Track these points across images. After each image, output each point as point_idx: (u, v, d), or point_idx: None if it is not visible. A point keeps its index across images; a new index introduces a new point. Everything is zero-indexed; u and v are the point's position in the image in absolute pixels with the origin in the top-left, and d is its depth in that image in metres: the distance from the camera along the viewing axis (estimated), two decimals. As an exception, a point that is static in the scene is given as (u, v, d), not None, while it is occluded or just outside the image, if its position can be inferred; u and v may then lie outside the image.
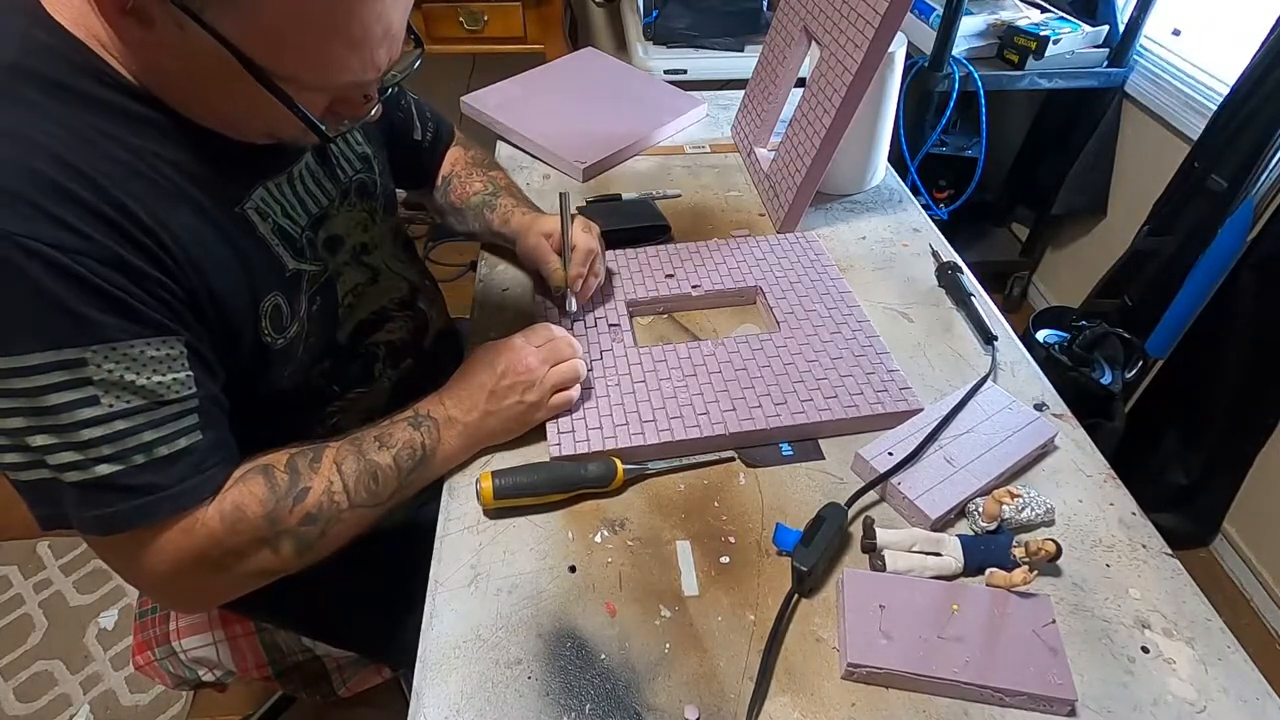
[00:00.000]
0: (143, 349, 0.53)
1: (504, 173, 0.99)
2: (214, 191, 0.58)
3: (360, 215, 0.76)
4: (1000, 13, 1.79)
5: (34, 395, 0.49)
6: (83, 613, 1.50)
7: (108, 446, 0.52)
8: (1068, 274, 2.13)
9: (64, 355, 0.49)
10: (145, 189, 0.53)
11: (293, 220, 0.66)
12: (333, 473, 0.62)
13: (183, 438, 0.56)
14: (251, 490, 0.59)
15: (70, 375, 0.50)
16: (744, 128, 1.16)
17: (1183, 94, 1.66)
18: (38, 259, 0.47)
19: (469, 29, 1.81)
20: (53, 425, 0.50)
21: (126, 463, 0.53)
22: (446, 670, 0.56)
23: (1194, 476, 1.55)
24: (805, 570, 0.59)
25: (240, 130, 0.58)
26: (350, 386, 0.77)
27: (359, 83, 0.55)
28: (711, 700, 0.54)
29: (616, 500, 0.68)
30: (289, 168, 0.66)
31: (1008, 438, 0.70)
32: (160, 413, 0.54)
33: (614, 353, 0.78)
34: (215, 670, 0.89)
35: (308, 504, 0.61)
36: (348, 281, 0.74)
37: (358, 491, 0.63)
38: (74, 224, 0.49)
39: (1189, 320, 1.48)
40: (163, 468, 0.55)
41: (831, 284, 0.88)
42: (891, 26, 0.81)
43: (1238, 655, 0.57)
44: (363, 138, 0.77)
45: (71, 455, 0.51)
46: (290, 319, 0.66)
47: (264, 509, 0.59)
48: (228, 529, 0.58)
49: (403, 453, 0.65)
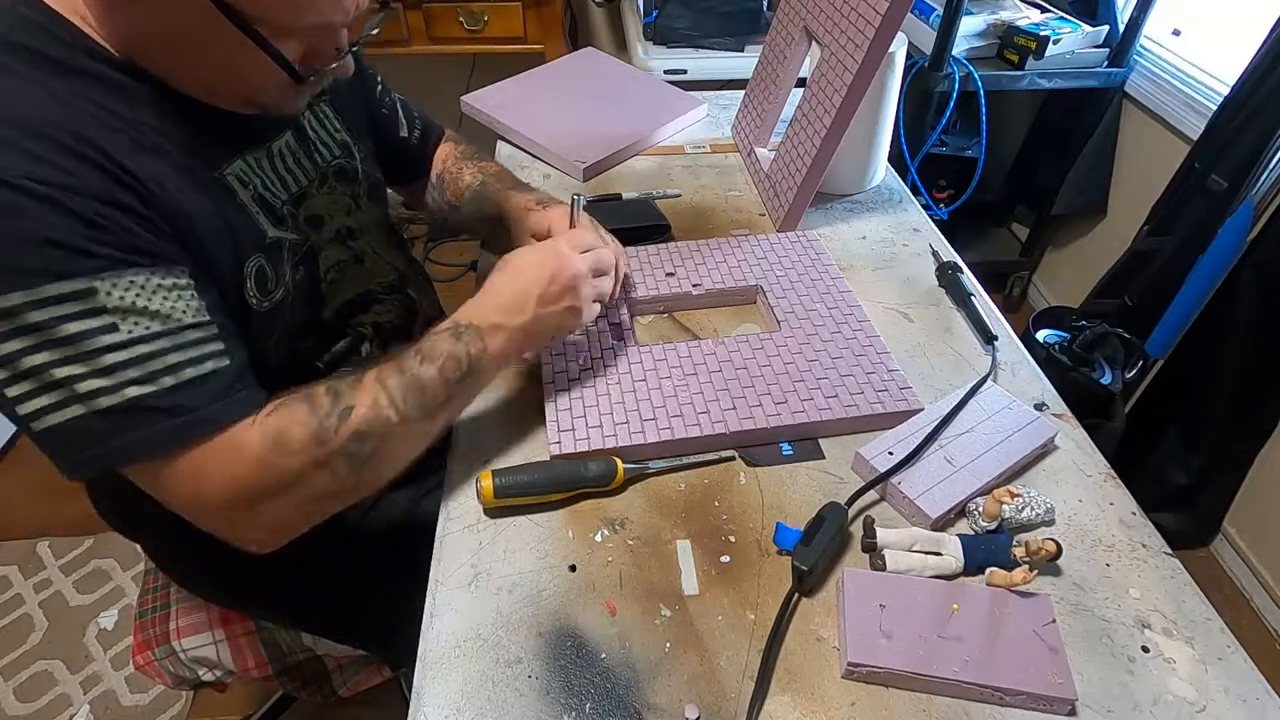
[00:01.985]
0: (148, 277, 0.54)
1: (495, 162, 0.99)
2: (194, 154, 0.60)
3: (342, 199, 0.77)
4: (1000, 13, 1.79)
5: (52, 326, 0.50)
6: (83, 613, 1.50)
7: (134, 369, 0.53)
8: (1068, 274, 2.13)
9: (75, 285, 0.51)
10: (128, 144, 0.55)
11: (273, 193, 0.68)
12: (376, 389, 0.61)
13: (209, 361, 0.57)
14: (293, 413, 0.59)
15: (84, 305, 0.51)
16: (744, 127, 1.16)
17: (1183, 94, 1.66)
18: (34, 197, 0.50)
19: (469, 29, 1.81)
20: (76, 354, 0.51)
21: (156, 384, 0.54)
22: (447, 669, 0.56)
23: (1194, 476, 1.55)
24: (805, 570, 0.59)
25: (221, 95, 0.61)
26: (337, 364, 0.77)
27: (328, 24, 0.58)
28: (712, 699, 0.54)
29: (617, 499, 0.68)
30: (268, 143, 0.69)
31: (1008, 437, 0.70)
32: (182, 337, 0.55)
33: (614, 352, 0.78)
34: (215, 670, 0.89)
35: (354, 421, 0.59)
36: (330, 257, 0.75)
37: (406, 405, 0.61)
38: (65, 166, 0.51)
39: (1189, 320, 1.48)
40: (195, 388, 0.55)
41: (832, 284, 0.88)
42: (892, 26, 0.81)
43: (1238, 655, 0.57)
44: (342, 126, 0.79)
45: (99, 381, 0.52)
46: (275, 283, 0.67)
47: (308, 430, 0.58)
48: (273, 451, 0.57)
49: (448, 364, 0.63)
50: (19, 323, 0.50)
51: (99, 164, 0.53)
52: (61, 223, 0.51)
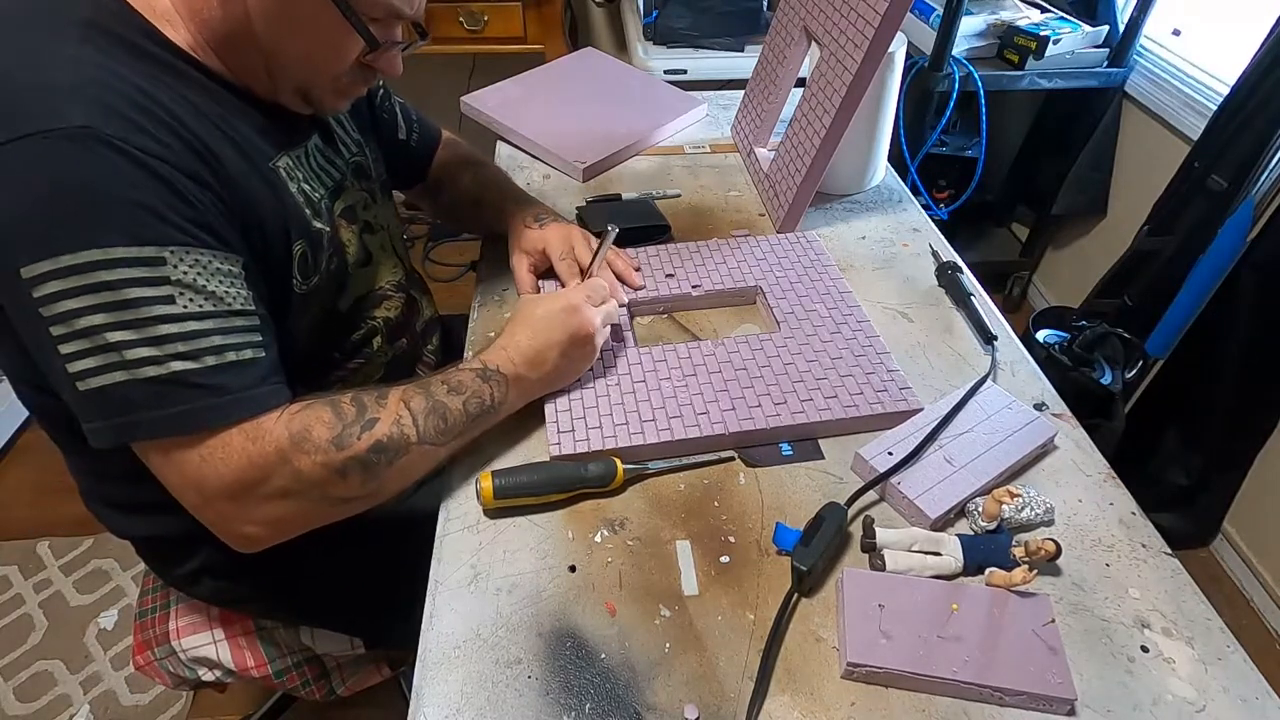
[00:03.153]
0: (210, 258, 0.57)
1: (494, 168, 1.01)
2: (250, 145, 0.64)
3: (362, 195, 0.81)
4: (1000, 13, 1.79)
5: (117, 289, 0.52)
6: (83, 613, 1.50)
7: (182, 344, 0.54)
8: (1068, 274, 2.13)
9: (146, 252, 0.53)
10: (202, 126, 0.59)
11: (312, 188, 0.72)
12: (400, 408, 0.63)
13: (250, 349, 0.58)
14: (319, 415, 0.61)
15: (151, 272, 0.53)
16: (744, 128, 1.16)
17: (1183, 94, 1.66)
18: (128, 159, 0.52)
19: (469, 29, 1.81)
20: (132, 320, 0.53)
21: (200, 362, 0.55)
22: (446, 670, 0.56)
23: (1194, 476, 1.55)
24: (805, 570, 0.59)
25: (276, 85, 0.65)
26: (351, 355, 0.79)
27: (397, 12, 0.63)
28: (711, 699, 0.54)
29: (616, 500, 0.68)
30: (304, 143, 0.73)
31: (1007, 437, 0.70)
32: (231, 321, 0.57)
33: (614, 352, 0.78)
34: (215, 670, 0.89)
35: (376, 432, 0.61)
36: (353, 254, 0.77)
37: (426, 428, 0.64)
38: (157, 134, 0.54)
39: (1189, 320, 1.48)
40: (233, 371, 0.57)
41: (831, 284, 0.88)
42: (891, 26, 0.81)
43: (1238, 655, 0.57)
44: (354, 127, 0.83)
45: (149, 350, 0.53)
46: (313, 270, 0.70)
47: (331, 433, 0.60)
48: (294, 446, 0.58)
49: (471, 400, 0.67)
50: (87, 280, 0.51)
51: (187, 140, 0.56)
52: (151, 188, 0.53)
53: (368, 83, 0.71)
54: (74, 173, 0.51)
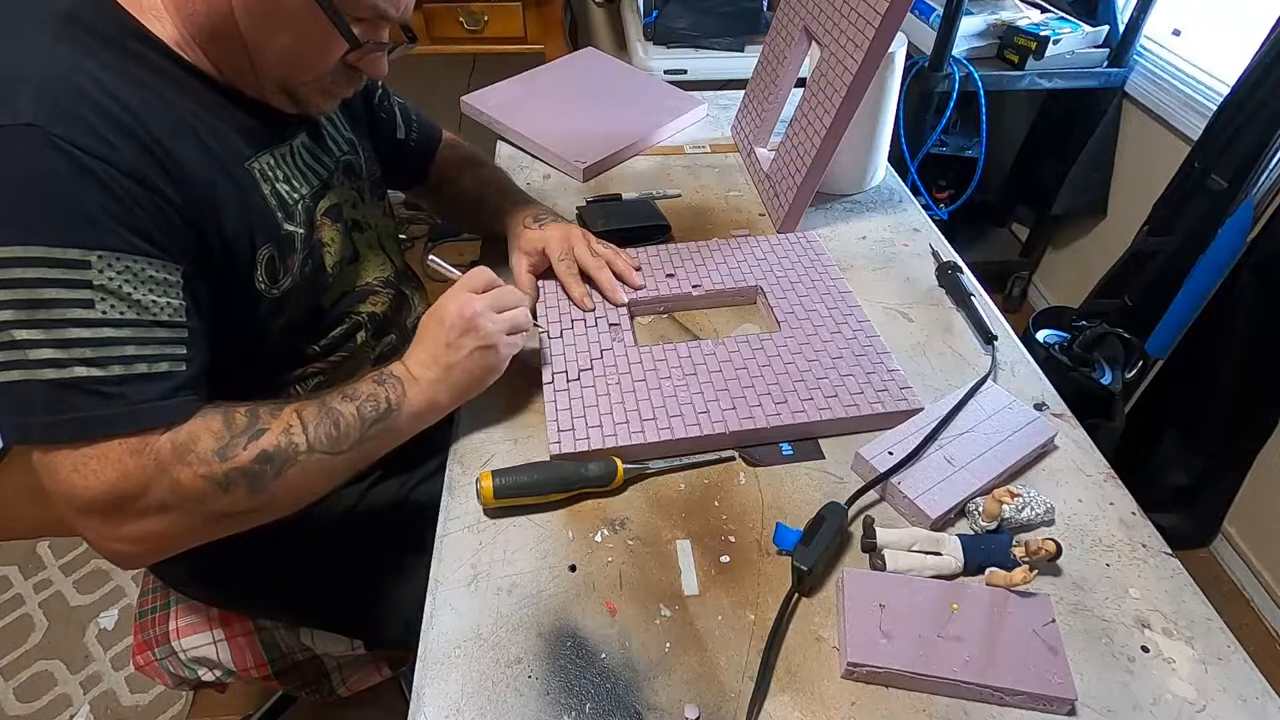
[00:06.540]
0: (144, 266, 0.55)
1: (494, 168, 1.01)
2: (227, 145, 0.64)
3: (350, 194, 0.80)
4: (1000, 13, 1.79)
5: (32, 287, 0.51)
6: (83, 613, 1.50)
7: (90, 350, 0.53)
8: (1068, 274, 2.13)
9: (70, 254, 0.52)
10: (169, 125, 0.58)
11: (292, 187, 0.71)
12: (292, 417, 0.62)
13: (165, 362, 0.57)
14: (208, 425, 0.59)
15: (71, 274, 0.52)
16: (744, 128, 1.16)
17: (1183, 94, 1.66)
18: (69, 160, 0.52)
19: (469, 29, 1.81)
20: (43, 320, 0.52)
21: (105, 369, 0.54)
22: (447, 669, 0.56)
23: (1194, 476, 1.55)
24: (805, 569, 0.59)
25: (259, 81, 0.64)
26: (333, 349, 0.79)
27: (383, 14, 0.63)
28: (711, 699, 0.54)
29: (617, 499, 0.68)
30: (288, 141, 0.72)
31: (1008, 437, 0.70)
32: (151, 332, 0.56)
33: (614, 352, 0.78)
34: (215, 670, 0.89)
35: (263, 442, 0.60)
36: (335, 253, 0.76)
37: (317, 436, 0.62)
38: (107, 135, 0.53)
39: (1189, 320, 1.48)
40: (140, 383, 0.56)
41: (831, 284, 0.88)
42: (892, 26, 0.81)
43: (1238, 655, 0.57)
44: (347, 125, 0.82)
45: (53, 352, 0.52)
46: (284, 273, 0.69)
47: (218, 443, 0.58)
48: (176, 457, 0.57)
49: (366, 404, 0.64)
50: (4, 276, 0.51)
51: (140, 139, 0.55)
52: (88, 191, 0.52)
53: (353, 83, 0.70)
54: (12, 169, 0.51)
